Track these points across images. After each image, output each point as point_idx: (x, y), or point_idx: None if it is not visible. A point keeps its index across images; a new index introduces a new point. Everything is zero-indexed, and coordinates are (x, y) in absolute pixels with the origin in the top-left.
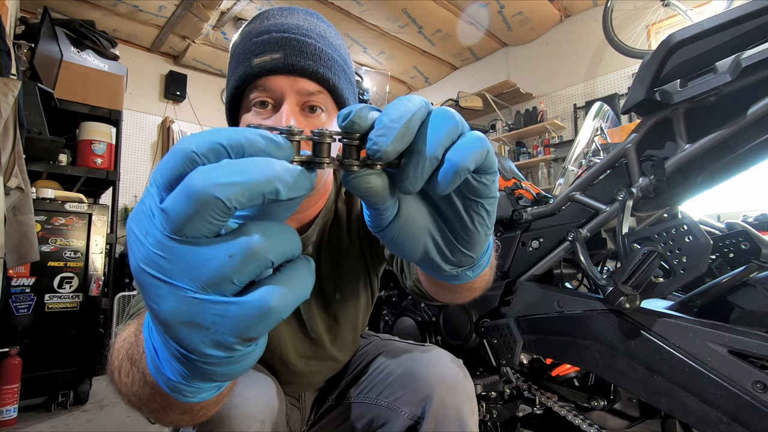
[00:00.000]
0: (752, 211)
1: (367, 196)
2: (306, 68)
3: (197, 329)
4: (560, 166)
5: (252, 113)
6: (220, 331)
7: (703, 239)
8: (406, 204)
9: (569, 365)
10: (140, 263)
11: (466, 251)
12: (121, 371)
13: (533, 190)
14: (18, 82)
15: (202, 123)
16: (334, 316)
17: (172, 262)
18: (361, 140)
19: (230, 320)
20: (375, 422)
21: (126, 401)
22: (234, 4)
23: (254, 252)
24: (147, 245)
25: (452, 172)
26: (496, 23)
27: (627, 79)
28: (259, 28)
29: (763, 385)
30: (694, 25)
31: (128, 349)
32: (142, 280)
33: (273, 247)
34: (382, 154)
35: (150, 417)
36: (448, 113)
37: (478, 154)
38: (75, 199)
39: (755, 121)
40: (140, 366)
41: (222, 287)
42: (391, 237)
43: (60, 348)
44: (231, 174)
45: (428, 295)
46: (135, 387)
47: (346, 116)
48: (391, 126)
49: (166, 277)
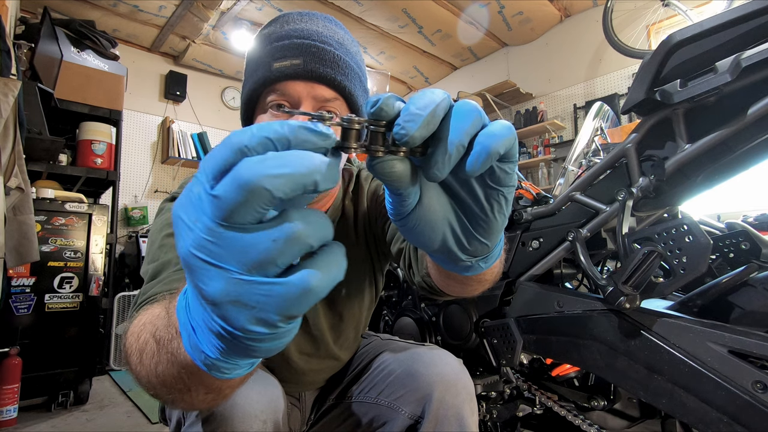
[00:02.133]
0: (752, 211)
1: (391, 180)
2: (324, 75)
3: (244, 308)
4: (560, 166)
5: (268, 115)
6: (265, 309)
7: (703, 239)
8: (428, 193)
9: (569, 365)
10: (190, 248)
11: (482, 239)
12: (143, 354)
13: (533, 190)
14: (18, 82)
15: (202, 123)
16: (338, 314)
17: (221, 247)
18: (387, 128)
19: (274, 299)
20: (375, 421)
21: (144, 383)
22: (234, 4)
23: (296, 237)
24: (197, 231)
25: (485, 154)
26: (496, 23)
27: (627, 79)
28: (280, 33)
29: (763, 385)
30: (694, 25)
31: (154, 332)
32: (192, 263)
33: (313, 232)
34: (409, 138)
35: (169, 398)
36: (472, 105)
37: (507, 140)
38: (75, 199)
39: (755, 121)
40: (170, 347)
41: (266, 269)
42: (412, 225)
43: (60, 348)
44: (277, 166)
45: (437, 289)
46: (160, 368)
47: (375, 103)
48: (417, 113)
49: (215, 260)
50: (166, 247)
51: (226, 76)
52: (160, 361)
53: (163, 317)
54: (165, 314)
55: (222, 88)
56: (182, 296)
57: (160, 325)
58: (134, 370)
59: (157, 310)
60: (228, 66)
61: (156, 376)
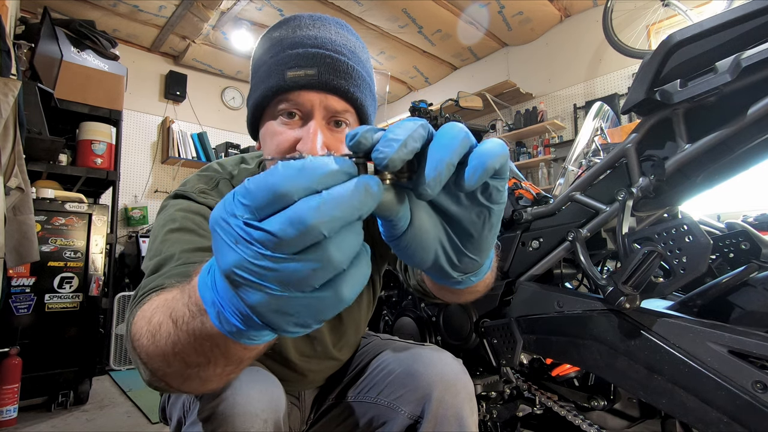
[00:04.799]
0: (752, 211)
1: (379, 210)
2: (338, 87)
3: (285, 315)
4: (560, 166)
5: (278, 122)
6: (303, 316)
7: (703, 239)
8: (418, 215)
9: (569, 365)
10: (233, 267)
11: (473, 256)
12: (156, 336)
13: (533, 190)
14: (18, 82)
15: (202, 123)
16: (338, 316)
17: (264, 270)
18: (368, 158)
19: (311, 310)
20: (375, 421)
21: (158, 362)
22: (234, 4)
23: (333, 265)
24: (240, 253)
25: (482, 169)
26: (496, 23)
27: (627, 79)
28: (293, 39)
29: (763, 385)
30: (694, 25)
31: (170, 314)
32: (233, 279)
33: (346, 258)
34: (389, 161)
35: (186, 373)
36: (459, 126)
37: (502, 156)
38: (75, 199)
39: (755, 121)
40: (192, 324)
41: (304, 289)
42: (404, 246)
43: (60, 348)
44: (331, 210)
45: (431, 294)
46: (179, 347)
47: (353, 137)
48: (394, 137)
49: (257, 279)
50: (169, 242)
51: (226, 76)
52: (179, 339)
53: (180, 299)
54: (182, 296)
55: (222, 88)
56: (205, 276)
57: (176, 307)
58: (144, 351)
59: (169, 295)
60: (228, 66)
61: (174, 354)
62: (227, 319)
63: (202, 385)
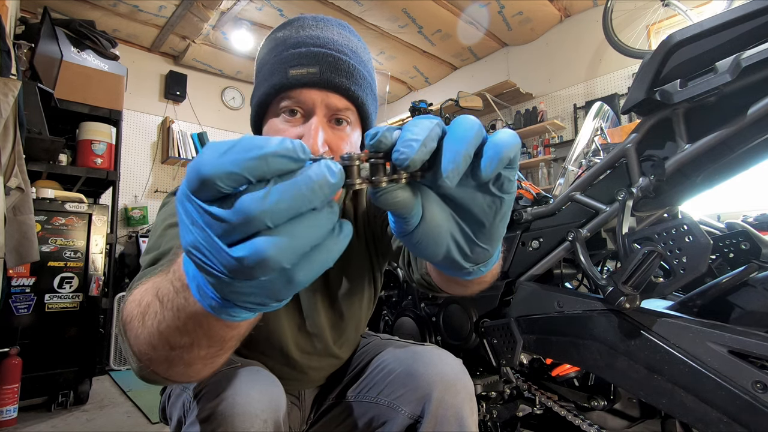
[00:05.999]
0: (752, 211)
1: (396, 209)
2: (339, 85)
3: (240, 295)
4: (560, 166)
5: (280, 119)
6: (258, 297)
7: (703, 239)
8: (430, 209)
9: (569, 365)
10: (188, 247)
11: (484, 246)
12: (145, 316)
13: (533, 190)
14: (18, 82)
15: (202, 123)
16: (339, 313)
17: (211, 253)
18: (386, 158)
19: (265, 291)
20: (375, 421)
21: (144, 347)
22: (234, 4)
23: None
24: (196, 236)
25: (497, 159)
26: (496, 23)
27: (627, 79)
28: (296, 39)
29: (763, 385)
30: (694, 25)
31: (156, 293)
32: (193, 259)
33: (298, 247)
34: (410, 161)
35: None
36: (472, 119)
37: (516, 146)
38: (75, 199)
39: (755, 121)
40: (176, 301)
41: (249, 277)
42: (416, 241)
43: (60, 348)
44: (279, 200)
45: (436, 287)
46: (163, 325)
47: (374, 135)
48: (414, 137)
49: (207, 262)
50: (167, 237)
51: (226, 76)
52: (164, 318)
53: (166, 277)
54: (166, 274)
55: (222, 88)
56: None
57: (162, 285)
58: (134, 334)
59: (157, 278)
60: (228, 66)
61: (159, 334)
62: (206, 293)
63: (187, 369)
